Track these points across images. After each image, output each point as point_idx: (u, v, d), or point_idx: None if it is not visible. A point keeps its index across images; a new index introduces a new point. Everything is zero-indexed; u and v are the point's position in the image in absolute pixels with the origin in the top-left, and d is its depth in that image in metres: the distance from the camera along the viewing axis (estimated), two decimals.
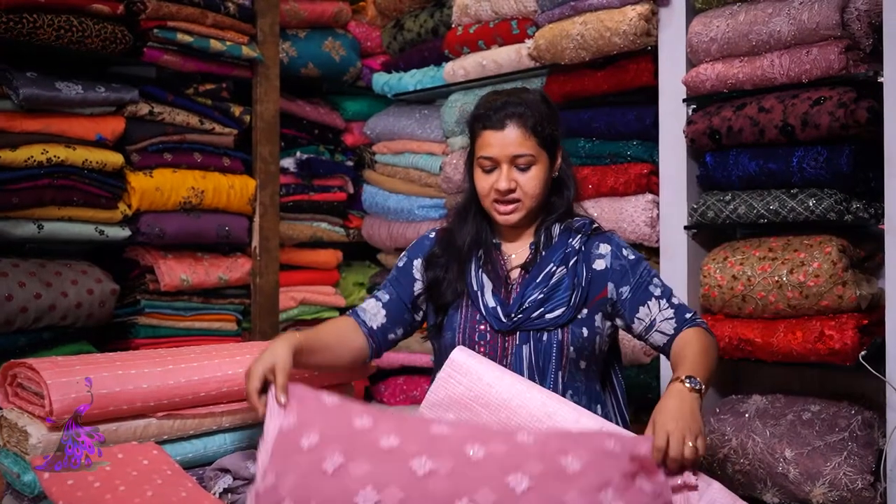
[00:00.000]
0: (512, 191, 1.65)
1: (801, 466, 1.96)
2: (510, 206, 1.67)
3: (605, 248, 1.71)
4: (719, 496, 1.36)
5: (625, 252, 1.72)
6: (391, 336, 1.77)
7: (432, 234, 1.83)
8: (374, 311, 1.76)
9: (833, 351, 1.97)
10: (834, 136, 2.02)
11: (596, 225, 1.75)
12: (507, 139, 1.64)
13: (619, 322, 1.71)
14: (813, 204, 2.05)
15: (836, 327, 1.98)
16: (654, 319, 1.67)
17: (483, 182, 1.68)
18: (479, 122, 1.69)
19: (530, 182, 1.66)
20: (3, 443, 1.50)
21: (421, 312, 1.79)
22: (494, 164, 1.66)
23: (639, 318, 1.68)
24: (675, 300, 1.70)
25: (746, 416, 2.13)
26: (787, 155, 2.10)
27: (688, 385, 1.42)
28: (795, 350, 2.03)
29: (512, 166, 1.65)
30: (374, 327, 1.74)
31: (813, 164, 2.05)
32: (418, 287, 1.77)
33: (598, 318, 1.68)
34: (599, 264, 1.69)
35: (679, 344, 1.62)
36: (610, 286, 1.69)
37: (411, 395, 2.90)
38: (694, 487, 1.33)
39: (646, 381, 2.40)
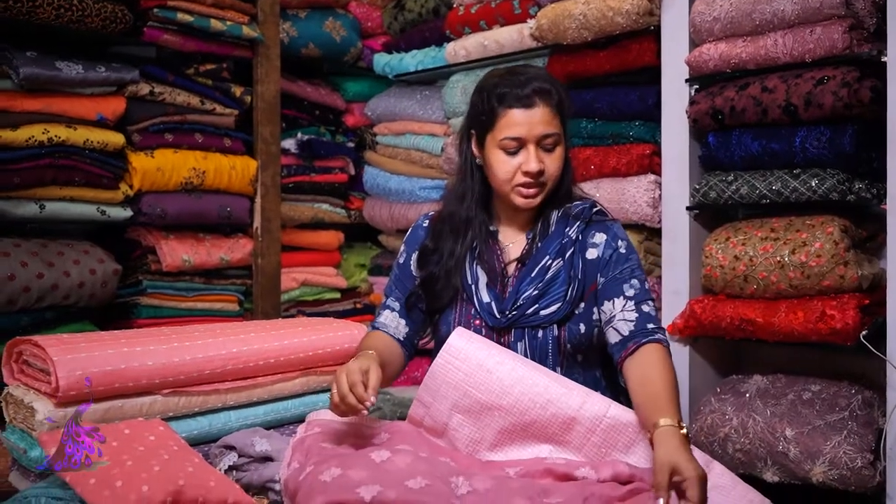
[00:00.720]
0: (542, 173, 1.57)
1: (801, 445, 1.97)
2: (535, 190, 1.59)
3: (600, 238, 1.64)
4: (720, 479, 1.36)
5: (619, 243, 1.65)
6: (416, 340, 1.75)
7: (426, 223, 1.76)
8: (394, 323, 1.71)
9: (834, 331, 1.98)
10: (837, 116, 2.02)
11: (597, 208, 1.69)
12: (536, 118, 1.55)
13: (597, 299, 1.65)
14: (815, 184, 2.05)
15: (838, 307, 1.99)
16: (614, 316, 1.58)
17: (506, 165, 1.58)
18: (503, 101, 1.58)
19: (555, 163, 1.59)
20: (9, 419, 1.51)
21: (424, 306, 1.73)
22: (520, 145, 1.57)
23: (602, 311, 1.61)
24: (644, 307, 1.59)
25: (747, 395, 2.14)
26: (789, 135, 2.10)
27: (683, 432, 1.35)
28: (797, 330, 2.04)
29: (538, 147, 1.57)
30: (402, 338, 1.71)
31: (816, 143, 2.05)
32: (416, 283, 1.73)
33: (595, 310, 1.63)
34: (592, 254, 1.63)
35: (644, 370, 1.50)
36: (598, 276, 1.63)
37: (412, 375, 2.91)
38: None
39: None
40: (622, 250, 1.64)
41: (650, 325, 1.57)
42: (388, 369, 1.60)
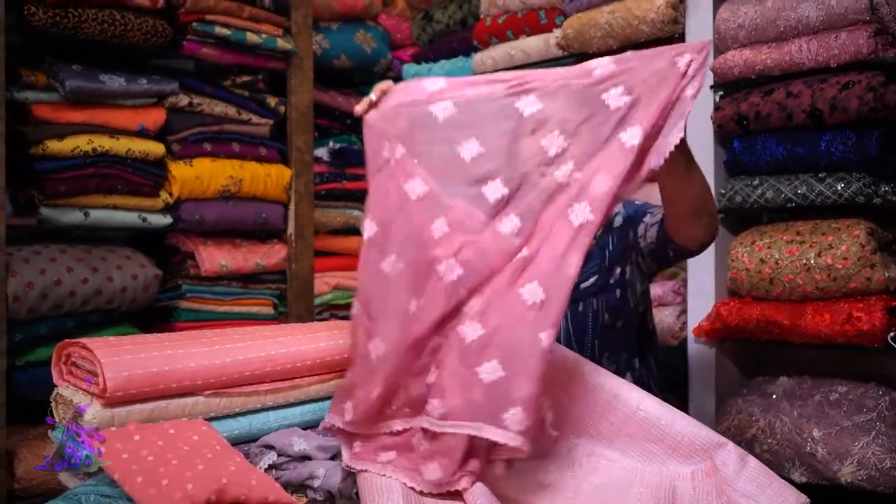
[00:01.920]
0: None
1: (828, 446, 1.99)
2: None
3: (618, 206, 1.79)
4: (757, 475, 1.39)
5: (634, 203, 1.81)
6: None
7: None
8: None
9: (861, 332, 1.99)
10: (862, 120, 2.04)
11: None
12: None
13: (633, 256, 1.76)
14: (841, 188, 2.07)
15: (865, 309, 2.00)
16: (646, 223, 1.75)
17: None
18: None
19: None
20: (59, 419, 1.58)
21: None
22: None
23: (639, 235, 1.75)
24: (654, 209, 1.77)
25: (774, 396, 2.16)
26: (815, 139, 2.12)
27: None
28: (823, 332, 2.06)
29: None
30: None
31: (841, 147, 2.07)
32: None
33: (628, 270, 1.73)
34: (618, 220, 1.77)
35: None
36: (630, 231, 1.75)
37: None
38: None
39: (673, 363, 2.44)
40: (637, 202, 1.83)
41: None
42: None
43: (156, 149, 2.61)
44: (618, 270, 1.71)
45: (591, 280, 1.69)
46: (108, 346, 1.54)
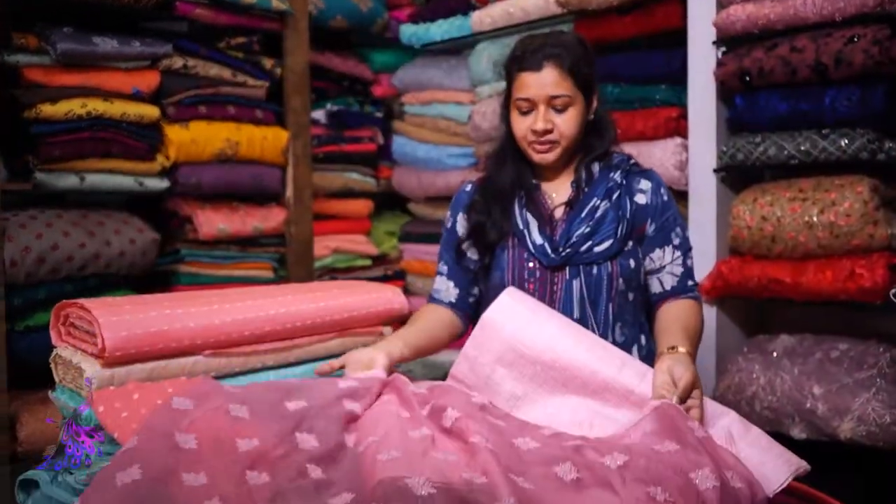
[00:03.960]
0: (549, 131, 1.67)
1: (829, 403, 1.99)
2: (546, 146, 1.69)
3: (646, 184, 1.74)
4: (758, 441, 1.38)
5: (662, 190, 1.75)
6: (471, 299, 1.82)
7: (469, 187, 1.86)
8: (444, 287, 1.82)
9: (863, 289, 1.99)
10: (868, 75, 2.01)
11: (634, 160, 1.78)
12: (544, 80, 1.65)
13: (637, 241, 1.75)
14: (845, 144, 2.05)
15: (867, 266, 1.99)
16: (664, 266, 1.72)
17: (520, 124, 1.70)
18: (515, 63, 1.70)
19: (567, 123, 1.67)
20: (59, 379, 1.57)
21: (472, 262, 1.81)
22: (531, 106, 1.67)
23: (651, 258, 1.72)
24: (688, 261, 1.74)
25: (774, 354, 2.16)
26: (819, 94, 2.10)
27: (681, 350, 1.49)
28: (825, 289, 2.05)
29: (549, 107, 1.66)
30: (453, 301, 1.80)
31: (846, 103, 2.04)
32: (461, 240, 1.81)
33: (639, 249, 1.72)
34: (641, 199, 1.73)
35: (671, 314, 1.68)
36: (648, 221, 1.72)
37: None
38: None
39: None
40: (665, 198, 1.75)
41: (690, 282, 1.73)
42: (425, 346, 1.71)
43: (151, 112, 2.57)
44: (630, 243, 1.71)
45: (607, 244, 1.68)
46: (106, 306, 1.53)
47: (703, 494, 1.17)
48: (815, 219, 2.06)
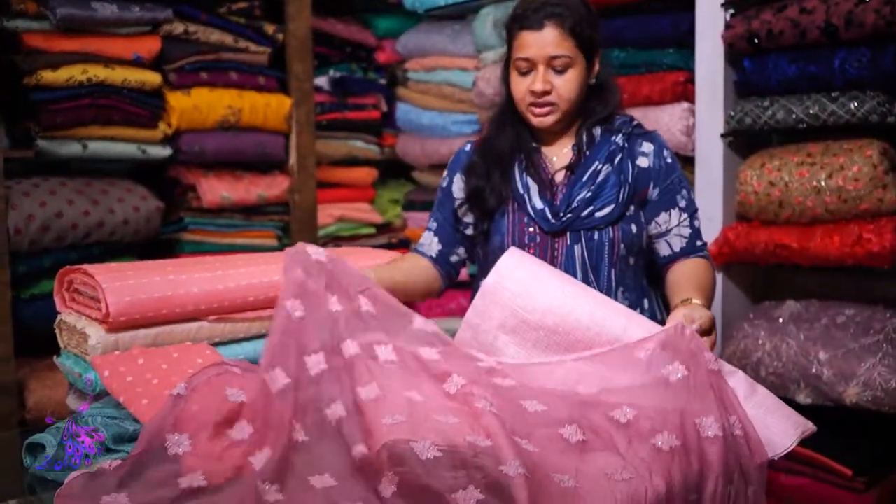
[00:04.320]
0: (547, 93, 1.63)
1: (834, 368, 1.99)
2: (545, 109, 1.66)
3: (648, 147, 1.71)
4: (765, 401, 1.38)
5: (665, 153, 1.72)
6: (453, 258, 1.81)
7: (468, 147, 1.83)
8: (428, 241, 1.81)
9: (871, 254, 1.97)
10: (879, 36, 1.98)
11: (636, 122, 1.75)
12: (545, 39, 1.61)
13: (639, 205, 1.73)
14: (854, 106, 2.02)
15: (875, 230, 1.98)
16: (671, 229, 1.70)
17: (519, 85, 1.67)
18: (516, 22, 1.66)
19: (566, 85, 1.64)
20: (64, 345, 1.58)
21: (468, 227, 1.79)
22: (531, 66, 1.64)
23: (657, 222, 1.70)
24: (696, 222, 1.72)
25: (780, 320, 2.15)
26: (828, 57, 2.06)
27: (696, 302, 1.48)
28: (832, 254, 2.04)
29: (548, 68, 1.63)
30: (434, 255, 1.80)
31: (856, 65, 2.01)
32: (458, 203, 1.79)
33: (641, 214, 1.70)
34: (643, 162, 1.70)
35: (683, 271, 1.66)
36: (651, 185, 1.70)
37: (447, 307, 2.95)
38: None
39: None
40: (669, 160, 1.72)
41: (699, 243, 1.72)
42: (401, 289, 1.66)
43: (152, 78, 2.56)
44: (632, 208, 1.69)
45: (608, 209, 1.65)
46: (109, 272, 1.53)
47: (703, 442, 1.21)
48: (822, 183, 2.04)
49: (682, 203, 1.71)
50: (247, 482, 1.19)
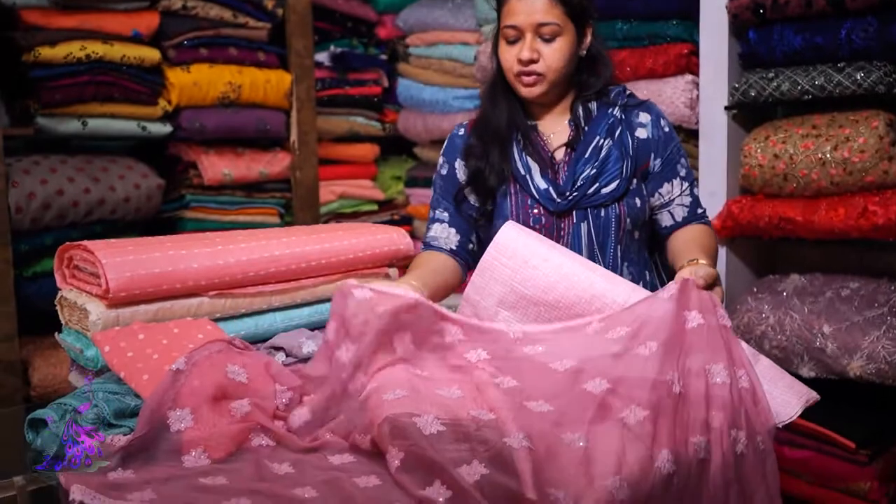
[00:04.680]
0: (534, 61, 1.60)
1: (838, 341, 1.98)
2: (532, 79, 1.62)
3: (645, 118, 1.69)
4: (768, 371, 1.38)
5: (662, 122, 1.70)
6: (470, 247, 1.76)
7: (461, 131, 1.78)
8: (444, 234, 1.74)
9: (876, 227, 1.95)
10: (885, 5, 1.94)
11: (629, 92, 1.72)
12: (533, 6, 1.58)
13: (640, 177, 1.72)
14: (861, 77, 1.99)
15: (881, 203, 1.96)
16: (673, 199, 1.69)
17: (507, 54, 1.63)
18: None
19: (554, 54, 1.60)
20: (65, 321, 1.58)
21: (473, 210, 1.75)
22: (518, 34, 1.60)
23: (660, 193, 1.69)
24: (695, 190, 1.72)
25: (784, 294, 2.14)
26: (834, 27, 2.03)
27: (701, 262, 1.46)
28: (837, 227, 2.02)
29: (536, 36, 1.59)
30: (454, 248, 1.74)
31: (862, 35, 1.98)
32: (462, 187, 1.75)
33: (643, 186, 1.69)
34: (642, 133, 1.67)
35: (686, 236, 1.66)
36: (652, 156, 1.68)
37: None
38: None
39: None
40: (667, 129, 1.70)
41: (699, 210, 1.72)
42: (440, 290, 1.64)
43: (151, 55, 2.54)
44: (634, 181, 1.67)
45: (613, 185, 1.63)
46: (109, 248, 1.52)
47: (712, 388, 1.23)
48: (828, 155, 2.02)
49: (683, 172, 1.70)
50: (252, 456, 1.19)
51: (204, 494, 1.08)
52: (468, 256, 1.76)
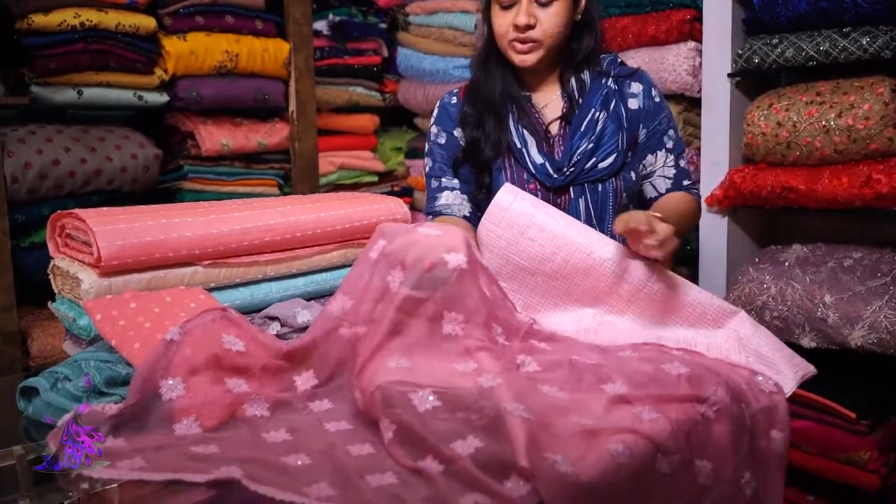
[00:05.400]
0: (531, 27, 1.56)
1: (840, 311, 1.96)
2: (527, 46, 1.59)
3: (636, 87, 1.66)
4: (767, 343, 1.36)
5: (654, 92, 1.67)
6: (479, 214, 1.72)
7: (454, 99, 1.75)
8: (457, 201, 1.72)
9: (880, 195, 1.93)
10: None
11: (621, 60, 1.69)
12: None
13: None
14: (867, 42, 1.95)
15: (885, 171, 1.93)
16: (655, 171, 1.66)
17: (501, 20, 1.59)
18: None
19: (550, 20, 1.57)
20: (58, 290, 1.57)
21: (470, 180, 1.73)
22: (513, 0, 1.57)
23: (643, 164, 1.66)
24: (682, 162, 1.67)
25: (786, 264, 2.12)
26: None
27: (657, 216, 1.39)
28: (840, 196, 1.99)
29: (532, 1, 1.56)
30: (467, 214, 1.72)
31: None
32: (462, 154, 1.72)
33: (636, 159, 1.66)
34: (633, 104, 1.64)
35: (663, 201, 1.63)
36: (640, 126, 1.65)
37: None
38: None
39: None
40: (657, 99, 1.67)
41: (686, 182, 1.67)
42: None
43: (147, 22, 2.50)
44: (629, 154, 1.64)
45: (611, 159, 1.60)
46: (101, 216, 1.51)
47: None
48: (832, 123, 1.98)
49: (670, 144, 1.66)
50: (245, 425, 1.18)
51: (194, 462, 1.08)
52: (476, 223, 1.73)
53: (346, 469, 1.05)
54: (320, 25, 3.10)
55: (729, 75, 2.23)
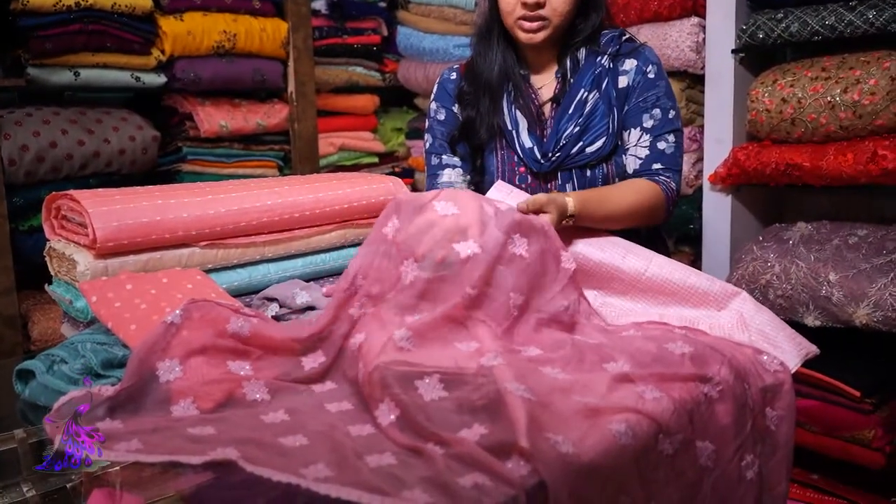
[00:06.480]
0: (540, 5, 1.53)
1: (845, 289, 1.94)
2: (536, 24, 1.55)
3: (630, 64, 1.60)
4: (769, 324, 1.35)
5: (649, 68, 1.60)
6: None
7: (453, 76, 1.73)
8: (458, 179, 1.71)
9: (886, 171, 1.90)
10: None
11: (626, 36, 1.63)
12: None
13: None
14: (873, 16, 1.92)
15: (891, 147, 1.90)
16: (627, 149, 1.59)
17: None
18: None
19: None
20: (54, 272, 1.56)
21: (466, 157, 1.71)
22: None
23: (621, 140, 1.60)
24: (660, 144, 1.57)
25: (790, 242, 2.09)
26: None
27: (569, 201, 1.39)
28: (846, 172, 1.96)
29: None
30: (474, 190, 1.70)
31: None
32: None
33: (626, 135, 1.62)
34: (623, 81, 1.59)
35: (618, 187, 1.54)
36: (625, 103, 1.60)
37: None
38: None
39: (688, 213, 2.37)
40: (651, 75, 1.60)
41: (656, 165, 1.56)
42: None
43: (143, 2, 2.48)
44: (623, 135, 1.60)
45: (599, 143, 1.56)
46: (96, 197, 1.49)
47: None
48: (837, 99, 1.95)
49: (648, 123, 1.57)
50: (243, 407, 1.17)
51: (191, 444, 1.06)
52: None
53: (345, 449, 1.04)
54: (319, 4, 3.07)
55: (733, 51, 2.20)
